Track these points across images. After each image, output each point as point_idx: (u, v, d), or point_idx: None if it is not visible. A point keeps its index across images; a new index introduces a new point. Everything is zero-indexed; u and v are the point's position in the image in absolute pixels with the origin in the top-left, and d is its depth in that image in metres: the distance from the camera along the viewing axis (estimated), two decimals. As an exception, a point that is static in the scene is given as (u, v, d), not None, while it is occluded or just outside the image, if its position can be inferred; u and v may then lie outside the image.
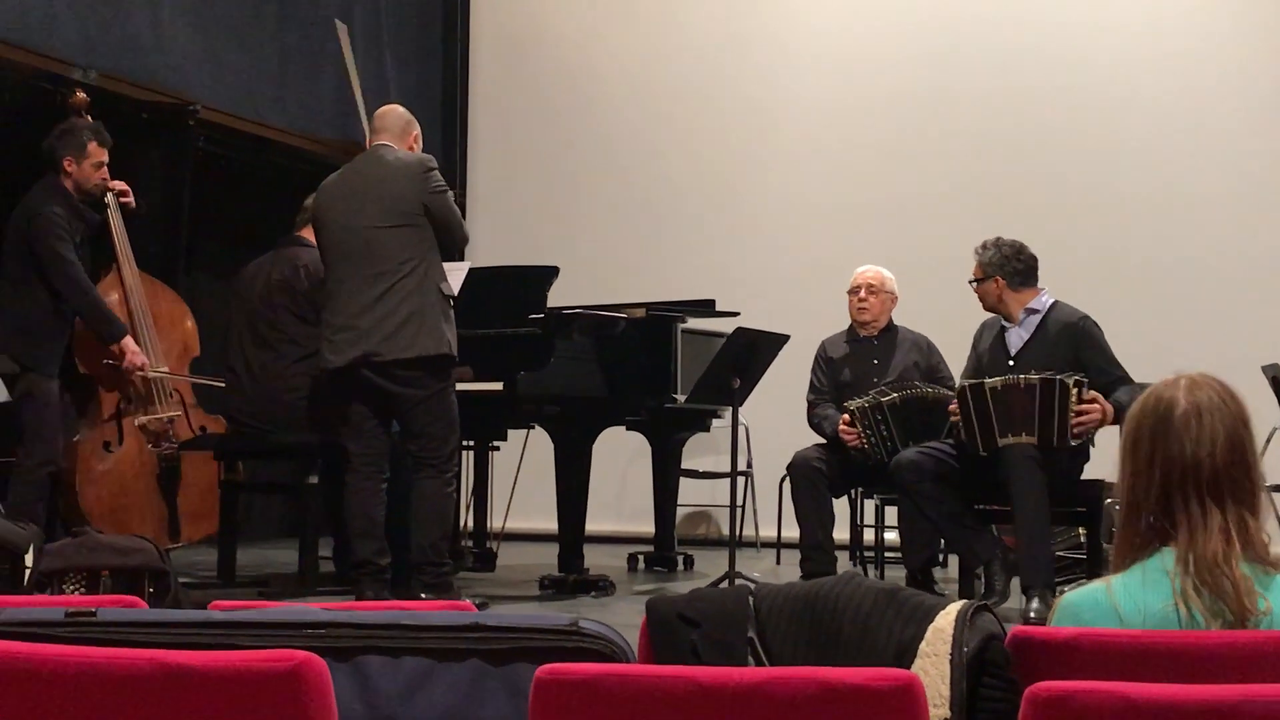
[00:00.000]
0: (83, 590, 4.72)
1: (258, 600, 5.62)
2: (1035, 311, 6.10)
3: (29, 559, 4.73)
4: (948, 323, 6.97)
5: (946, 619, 2.40)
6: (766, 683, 1.84)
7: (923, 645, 2.38)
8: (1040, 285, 6.16)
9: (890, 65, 9.54)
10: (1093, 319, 6.07)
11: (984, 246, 6.18)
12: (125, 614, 2.07)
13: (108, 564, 4.73)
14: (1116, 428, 6.35)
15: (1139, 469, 2.49)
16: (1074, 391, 5.69)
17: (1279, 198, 8.96)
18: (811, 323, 7.38)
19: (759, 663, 2.44)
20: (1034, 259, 6.15)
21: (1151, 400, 2.49)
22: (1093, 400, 5.73)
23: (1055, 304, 6.13)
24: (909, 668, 2.38)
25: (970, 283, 6.19)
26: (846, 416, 6.42)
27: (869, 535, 7.69)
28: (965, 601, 2.42)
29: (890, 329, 6.87)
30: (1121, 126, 9.17)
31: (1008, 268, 6.10)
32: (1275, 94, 9.04)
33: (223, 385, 6.53)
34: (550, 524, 6.57)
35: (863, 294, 6.80)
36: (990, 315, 6.25)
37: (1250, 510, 2.44)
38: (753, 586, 2.56)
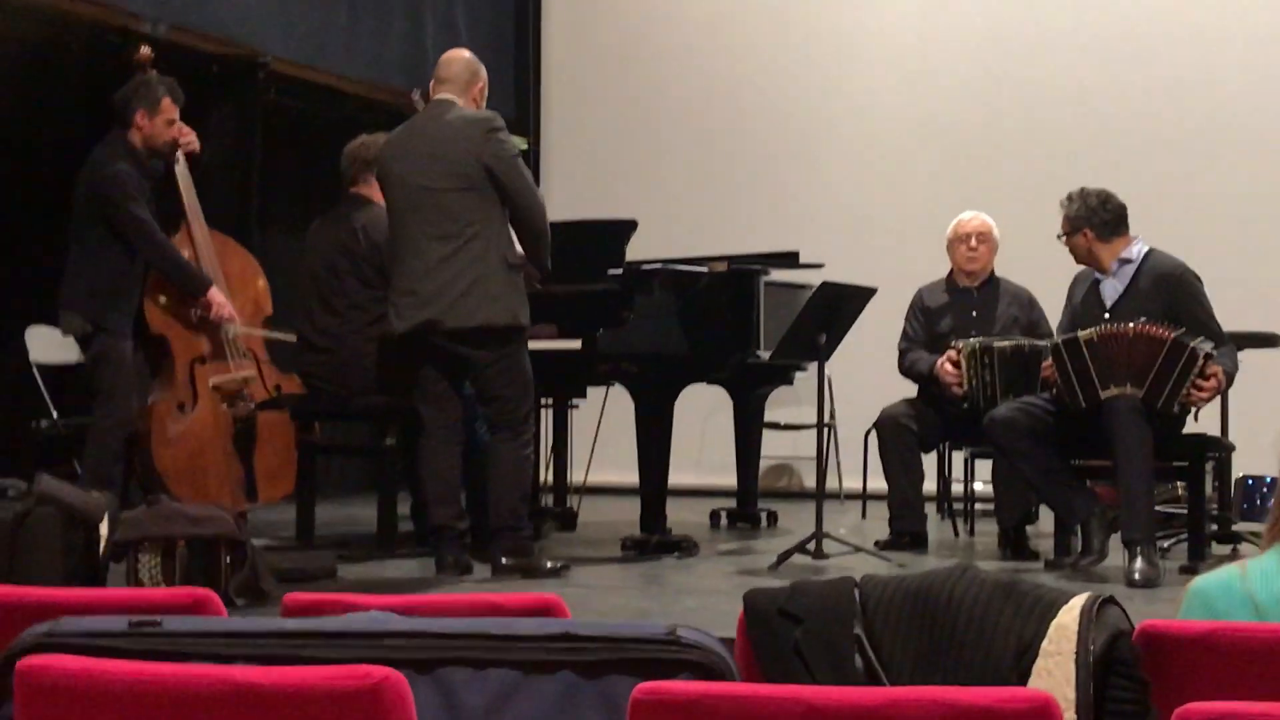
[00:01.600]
0: (158, 560, 4.66)
1: (338, 563, 5.58)
2: (1129, 261, 5.90)
3: (104, 528, 4.66)
4: (1042, 272, 6.74)
5: (1070, 615, 2.24)
6: (886, 705, 1.68)
7: (1045, 644, 2.22)
8: (1133, 233, 5.95)
9: (975, 4, 9.29)
10: (1192, 270, 5.86)
11: (1069, 199, 5.99)
12: (192, 624, 1.95)
13: (183, 533, 4.67)
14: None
15: None
16: (1201, 361, 5.48)
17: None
18: (895, 272, 7.22)
19: (867, 662, 2.29)
20: (1122, 207, 5.93)
21: None
22: (1213, 375, 5.52)
23: (1151, 252, 5.92)
24: (1030, 667, 2.23)
25: (1058, 237, 6.00)
26: (953, 353, 6.28)
27: (957, 488, 7.51)
28: (1089, 595, 2.25)
29: (992, 280, 6.75)
30: (1217, 63, 8.87)
31: (1095, 219, 5.90)
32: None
33: (293, 340, 6.43)
34: (632, 476, 6.43)
35: (973, 242, 6.69)
36: (1083, 267, 6.05)
37: None
38: (858, 579, 2.41)
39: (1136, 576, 5.35)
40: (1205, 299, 5.83)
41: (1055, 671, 2.19)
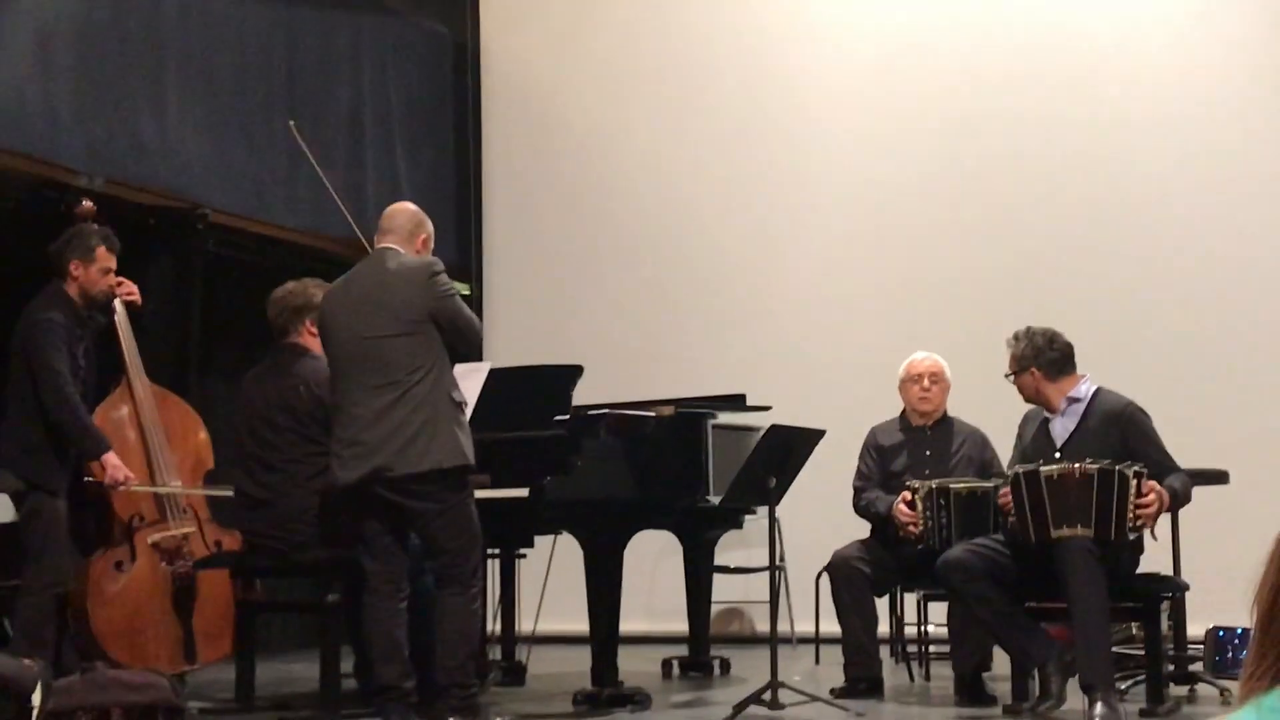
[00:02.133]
0: (93, 730, 4.50)
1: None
2: (1078, 400, 5.89)
3: (36, 698, 4.50)
4: (990, 410, 6.73)
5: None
6: None
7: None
8: (1081, 371, 5.95)
9: (917, 145, 9.35)
10: (1139, 406, 5.86)
11: (1015, 338, 5.99)
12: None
13: (119, 700, 4.55)
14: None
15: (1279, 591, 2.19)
16: (1134, 482, 5.46)
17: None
18: (843, 413, 7.19)
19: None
20: (1068, 346, 5.94)
21: None
22: (1150, 490, 5.50)
23: (1099, 391, 5.91)
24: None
25: (1006, 376, 5.99)
26: (908, 495, 6.25)
27: (910, 631, 7.42)
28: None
29: (945, 419, 6.79)
30: (1164, 206, 8.93)
31: (1042, 358, 5.89)
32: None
33: (230, 494, 6.29)
34: (582, 625, 6.31)
35: (926, 383, 6.73)
36: (1032, 406, 6.04)
37: None
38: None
39: (1097, 717, 5.26)
40: (1155, 434, 5.82)
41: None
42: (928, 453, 6.68)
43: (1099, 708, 5.30)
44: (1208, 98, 8.87)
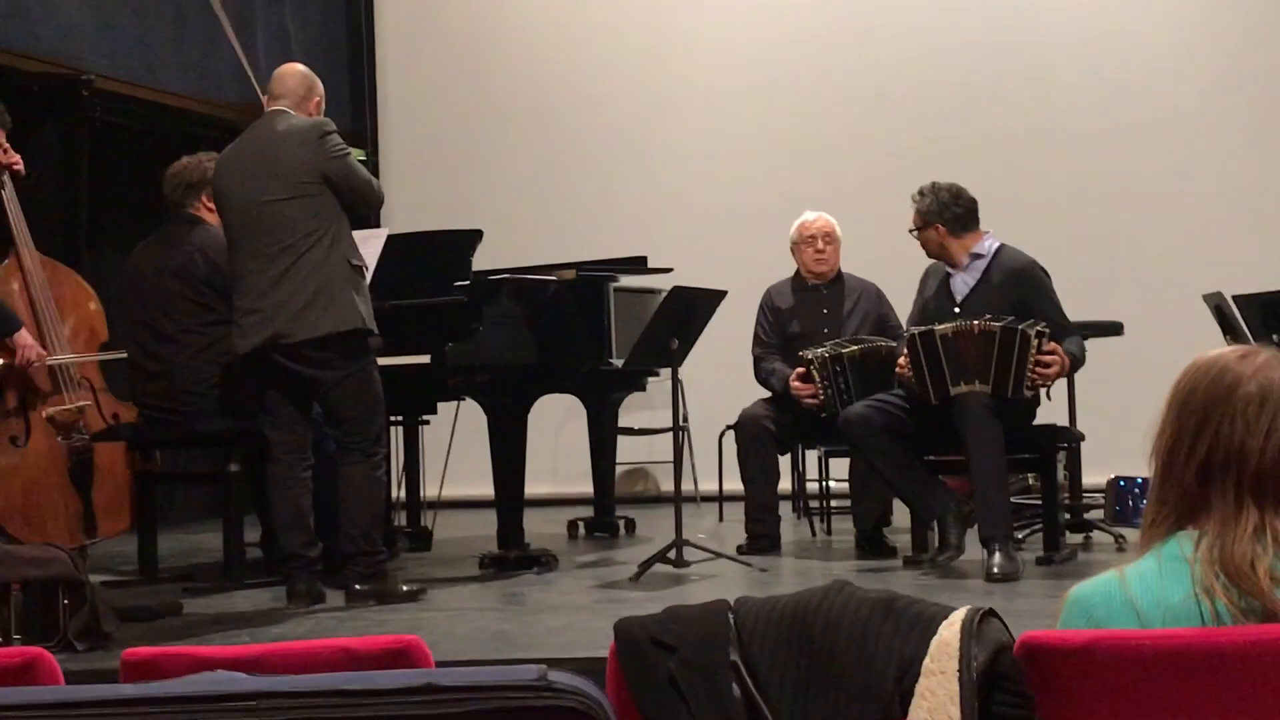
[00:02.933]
0: (-8, 606, 4.43)
1: (182, 596, 5.37)
2: (980, 256, 5.91)
3: (-68, 575, 4.41)
4: (886, 266, 6.76)
5: (951, 630, 2.16)
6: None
7: (927, 662, 2.14)
8: (984, 228, 5.96)
9: (809, 7, 9.29)
10: (1040, 265, 5.89)
11: (920, 193, 5.97)
12: (21, 695, 1.78)
13: (18, 576, 4.44)
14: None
15: (1181, 437, 2.20)
16: (1035, 342, 5.50)
17: (1211, 126, 8.86)
18: (744, 274, 7.16)
19: (745, 690, 2.19)
20: (973, 202, 5.94)
21: (1216, 369, 2.18)
22: (1052, 351, 5.54)
23: (1001, 248, 5.93)
24: (913, 687, 2.15)
25: (910, 231, 5.98)
26: (802, 370, 6.27)
27: (812, 487, 7.49)
28: (969, 609, 2.18)
29: (839, 277, 6.75)
30: (1055, 62, 9.02)
31: (946, 214, 5.90)
32: (1206, 22, 8.93)
33: (125, 356, 6.18)
34: (487, 489, 6.29)
35: (820, 244, 6.71)
36: (934, 261, 6.04)
37: None
38: (732, 602, 2.31)
39: (995, 571, 5.35)
40: (1053, 293, 5.86)
41: (938, 691, 2.11)
42: (825, 311, 6.68)
43: (997, 557, 5.39)
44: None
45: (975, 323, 5.59)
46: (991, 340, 5.53)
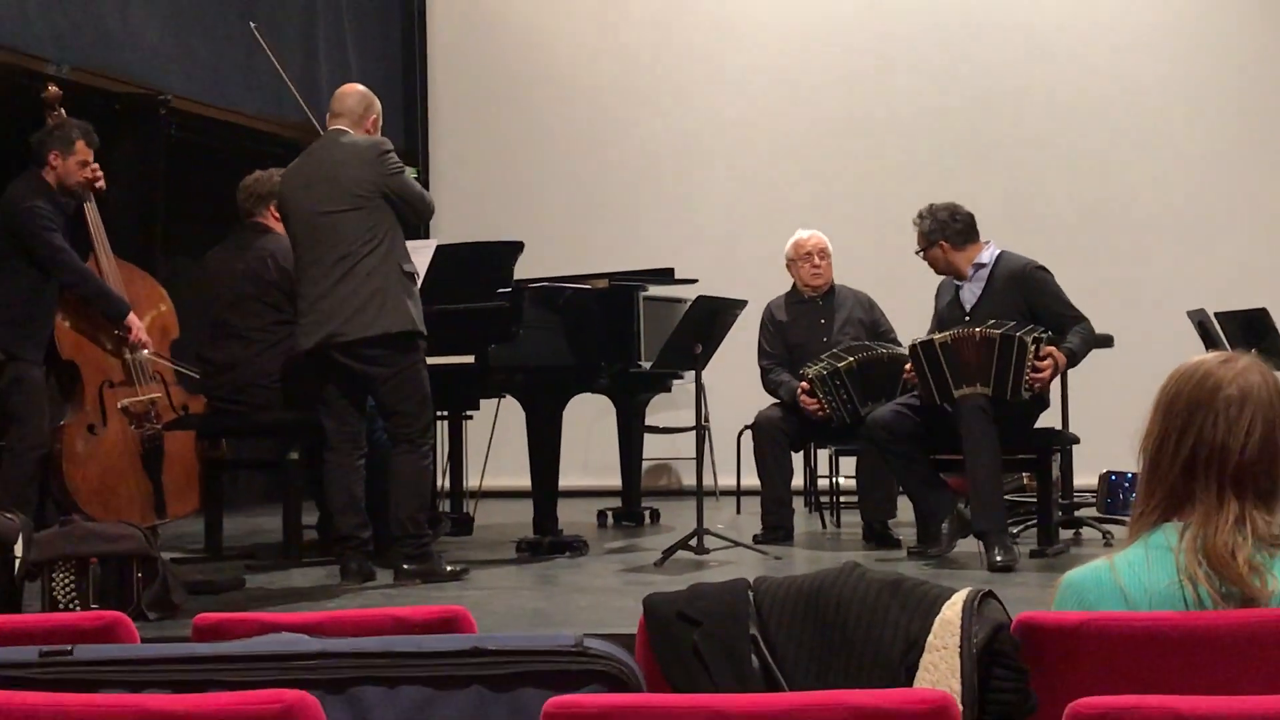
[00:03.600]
0: (73, 578, 4.46)
1: (245, 573, 5.40)
2: (983, 265, 5.89)
3: (19, 549, 4.45)
4: (893, 281, 6.77)
5: (953, 609, 2.17)
6: (794, 709, 1.59)
7: (931, 638, 2.15)
8: (984, 238, 5.95)
9: (818, 56, 9.35)
10: (1039, 264, 5.87)
11: (920, 217, 5.96)
12: (103, 652, 1.80)
13: (96, 551, 4.48)
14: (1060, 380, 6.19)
15: (1167, 436, 2.21)
16: (1031, 348, 5.48)
17: (1195, 148, 8.84)
18: (763, 286, 7.16)
19: (763, 661, 2.20)
20: (970, 216, 5.94)
21: (1200, 373, 2.20)
22: (1047, 355, 5.53)
23: (1002, 254, 5.92)
24: (918, 661, 2.16)
25: (917, 253, 5.98)
26: (805, 385, 6.26)
27: (822, 483, 7.48)
28: (970, 590, 2.19)
29: (831, 289, 6.75)
30: (1051, 87, 9.01)
31: (948, 231, 5.89)
32: (1191, 50, 8.91)
33: (198, 375, 6.24)
34: (524, 480, 6.31)
35: (816, 259, 6.70)
36: (944, 277, 6.04)
37: (1266, 507, 2.19)
38: (751, 581, 2.32)
39: (998, 559, 5.33)
40: (1057, 287, 5.83)
41: (940, 665, 2.11)
42: (821, 321, 6.67)
43: (996, 551, 5.37)
44: None
45: (976, 329, 5.58)
46: (992, 346, 5.52)
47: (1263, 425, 2.15)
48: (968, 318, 5.79)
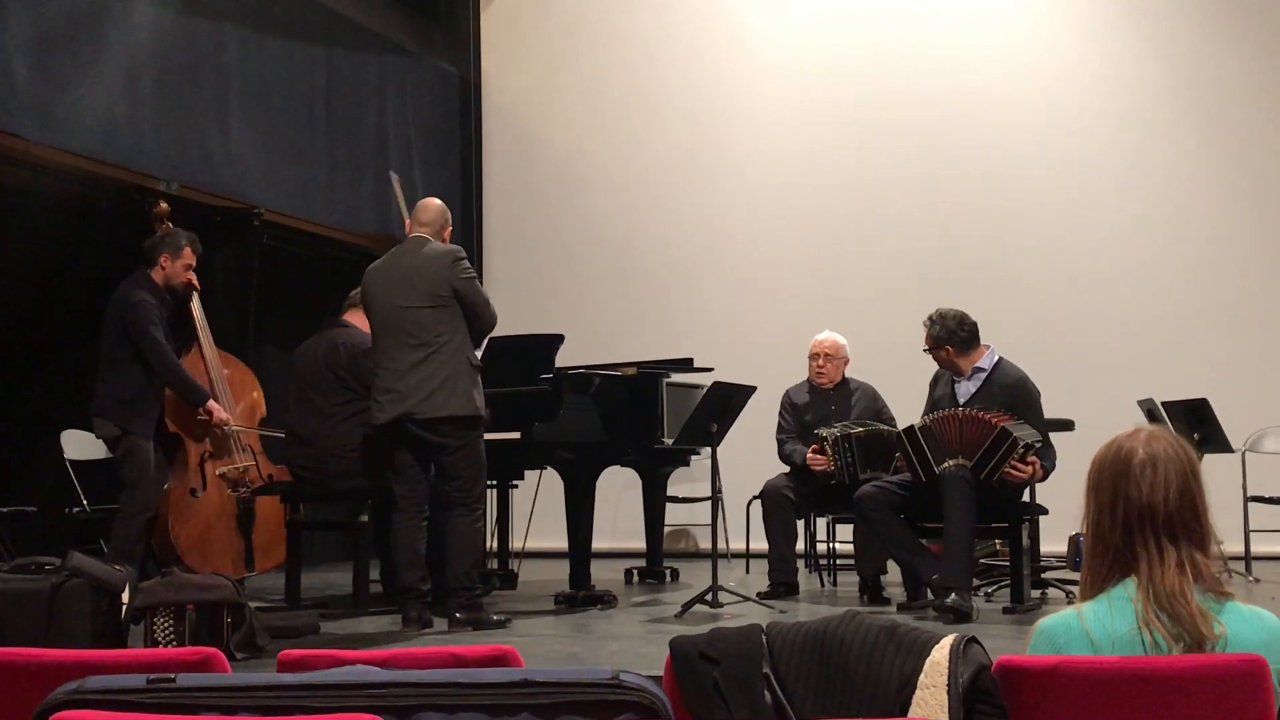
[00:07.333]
0: (171, 622, 4.45)
1: (320, 620, 5.37)
2: (982, 370, 5.85)
3: (125, 596, 4.44)
4: (899, 365, 6.77)
5: (941, 652, 2.14)
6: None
7: (921, 678, 2.12)
8: (985, 343, 5.92)
9: (829, 161, 9.35)
10: (1033, 382, 5.82)
11: (930, 320, 5.91)
12: (201, 679, 1.79)
13: (192, 599, 4.46)
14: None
15: (1102, 509, 2.25)
16: (1020, 451, 5.45)
17: (1147, 256, 8.79)
18: (770, 373, 7.15)
19: (775, 696, 2.17)
20: (974, 325, 5.89)
21: (1114, 449, 2.26)
22: (1031, 463, 5.48)
23: (1000, 362, 5.88)
24: (910, 698, 2.12)
25: (924, 350, 5.95)
26: (816, 446, 6.24)
27: (821, 547, 7.41)
28: (957, 635, 2.16)
29: (843, 382, 6.73)
30: (1020, 191, 8.96)
31: (955, 338, 5.85)
32: (1142, 158, 8.86)
33: (282, 435, 6.26)
34: (560, 543, 6.29)
35: (820, 361, 6.70)
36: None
37: (1201, 549, 2.21)
38: (765, 626, 2.29)
39: (949, 602, 5.24)
40: (1040, 407, 5.80)
41: (930, 701, 2.09)
42: (833, 407, 6.65)
43: (953, 595, 5.28)
44: (1069, 100, 8.90)
45: (960, 410, 5.55)
46: (989, 431, 5.47)
47: (1177, 479, 2.20)
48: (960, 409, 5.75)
